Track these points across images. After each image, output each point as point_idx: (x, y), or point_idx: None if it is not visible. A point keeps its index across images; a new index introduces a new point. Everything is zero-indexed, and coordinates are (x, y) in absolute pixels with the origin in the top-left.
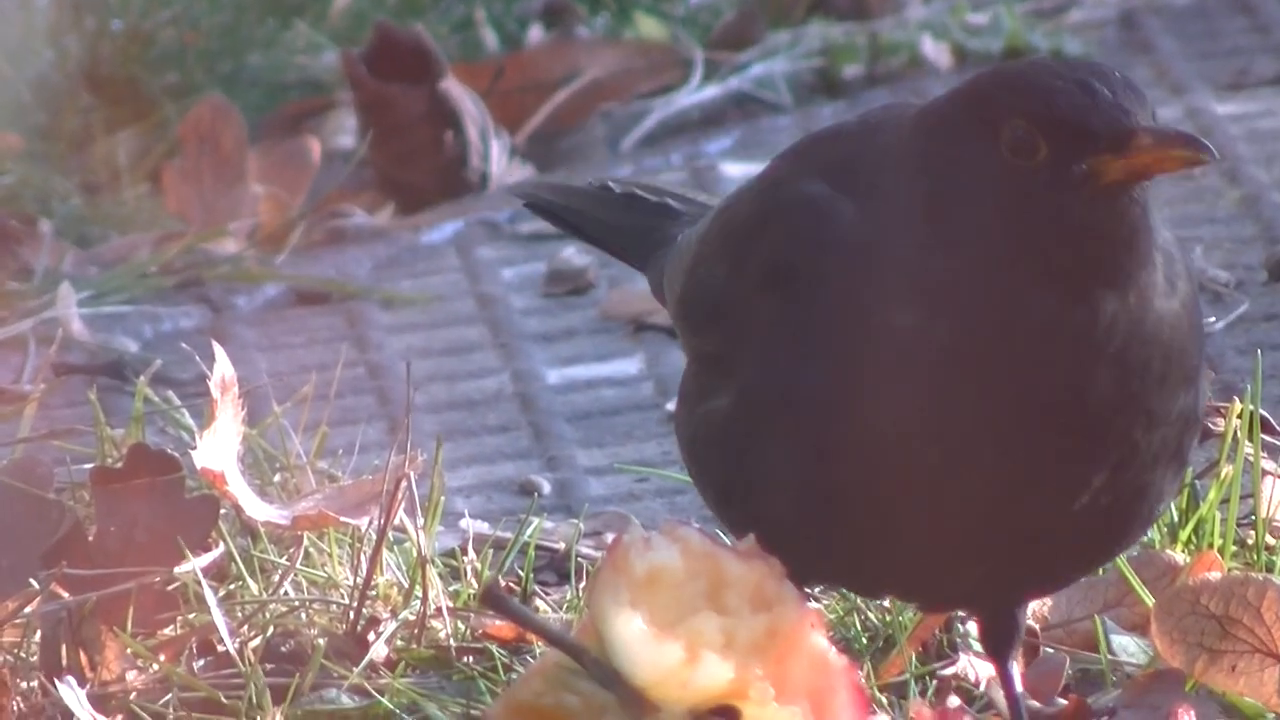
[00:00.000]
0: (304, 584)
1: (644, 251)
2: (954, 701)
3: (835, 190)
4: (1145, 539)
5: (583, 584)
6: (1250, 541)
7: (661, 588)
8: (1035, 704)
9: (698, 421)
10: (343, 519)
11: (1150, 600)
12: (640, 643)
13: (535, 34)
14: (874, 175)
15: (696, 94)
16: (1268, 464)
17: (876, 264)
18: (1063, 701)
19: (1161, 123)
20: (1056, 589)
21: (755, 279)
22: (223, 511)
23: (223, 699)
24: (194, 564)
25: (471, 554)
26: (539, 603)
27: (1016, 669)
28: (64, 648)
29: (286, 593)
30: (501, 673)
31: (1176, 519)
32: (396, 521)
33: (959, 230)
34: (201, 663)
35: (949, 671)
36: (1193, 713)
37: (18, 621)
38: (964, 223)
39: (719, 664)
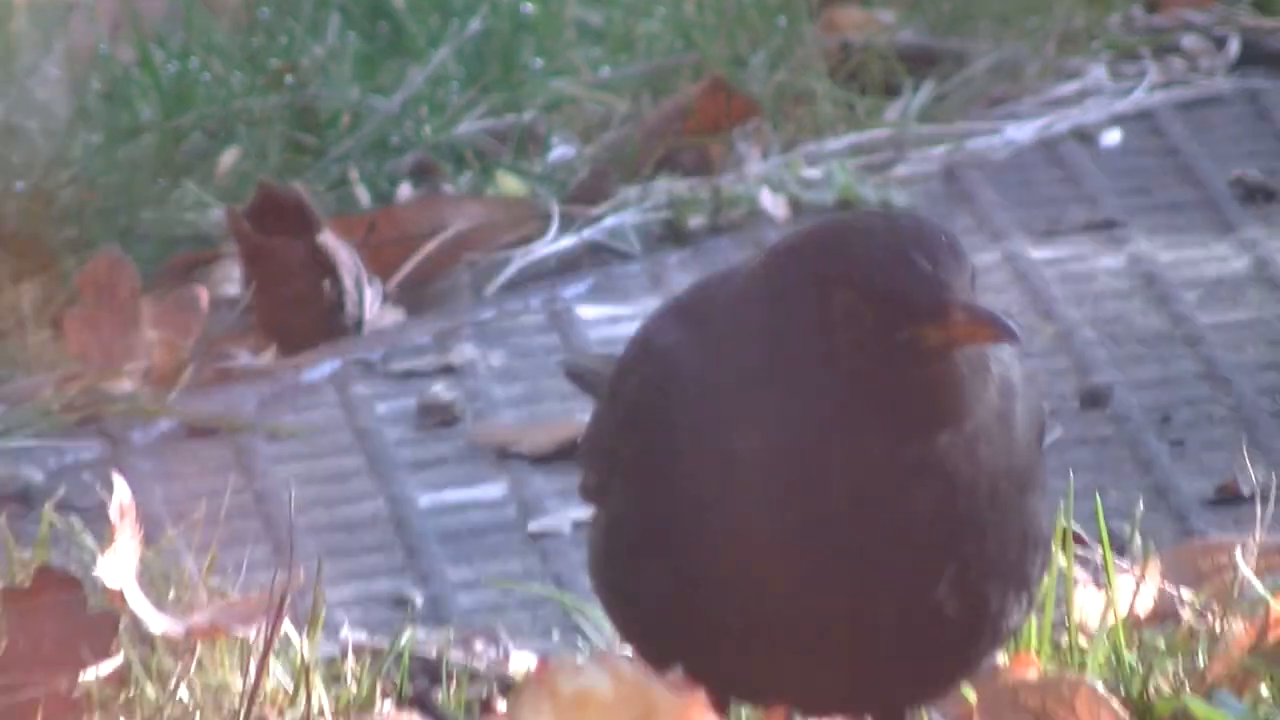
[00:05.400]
0: (198, 689)
1: None
2: None
3: (690, 336)
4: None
5: (454, 687)
6: (1064, 644)
7: (590, 710)
8: None
9: (588, 545)
10: (233, 630)
11: (973, 697)
12: None
13: (405, 190)
14: (722, 320)
15: (554, 244)
16: (1079, 574)
17: (719, 402)
18: None
19: (977, 288)
20: (933, 697)
21: (620, 421)
22: (123, 624)
23: None
24: (96, 672)
25: (351, 660)
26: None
27: None
28: None
29: (182, 698)
30: None
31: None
32: (282, 632)
33: (798, 383)
34: None
35: None
36: None
37: None
38: (802, 376)
39: None
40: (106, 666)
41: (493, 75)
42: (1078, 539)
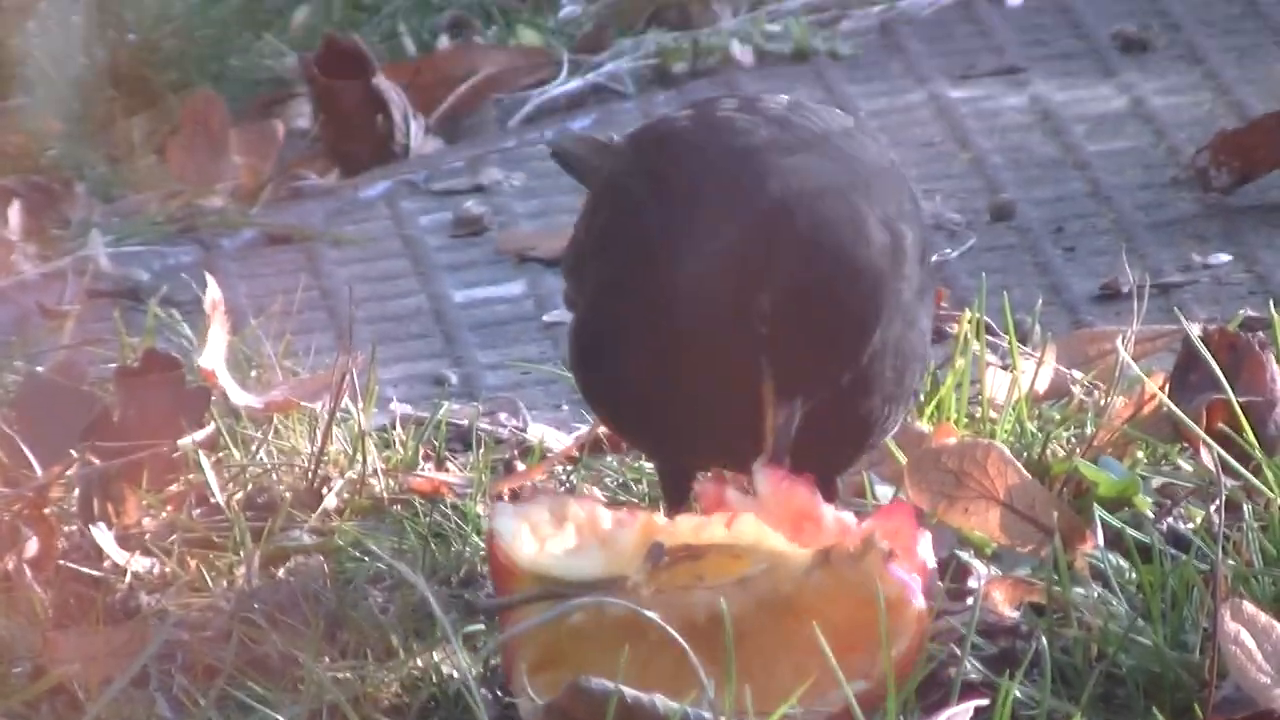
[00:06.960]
0: (274, 452)
1: None
2: None
3: (653, 199)
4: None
5: (482, 450)
6: (978, 415)
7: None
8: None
9: (567, 342)
10: (303, 403)
11: (903, 459)
12: (578, 563)
13: (443, 41)
14: (683, 193)
15: (564, 85)
16: (990, 358)
17: (657, 256)
18: None
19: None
20: (841, 469)
21: (593, 245)
22: (213, 399)
23: (214, 538)
24: (192, 438)
25: (399, 429)
26: (449, 465)
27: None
28: (96, 501)
29: (261, 459)
30: (421, 517)
31: (922, 399)
32: (342, 405)
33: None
34: (198, 511)
35: None
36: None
37: (62, 482)
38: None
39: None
40: (200, 433)
41: None
42: (989, 329)
